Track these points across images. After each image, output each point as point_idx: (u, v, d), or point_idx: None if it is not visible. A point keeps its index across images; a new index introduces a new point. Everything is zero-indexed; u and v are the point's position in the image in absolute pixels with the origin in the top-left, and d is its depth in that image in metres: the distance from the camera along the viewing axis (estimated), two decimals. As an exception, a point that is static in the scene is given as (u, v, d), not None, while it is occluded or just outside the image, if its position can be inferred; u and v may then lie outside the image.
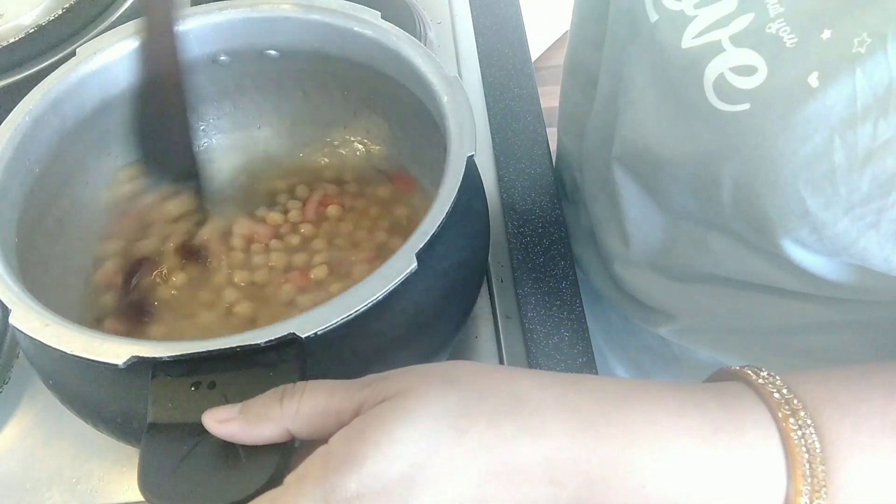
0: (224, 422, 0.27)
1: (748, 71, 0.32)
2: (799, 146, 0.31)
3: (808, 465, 0.26)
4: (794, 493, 0.26)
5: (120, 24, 0.45)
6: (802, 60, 0.30)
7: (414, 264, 0.32)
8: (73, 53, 0.42)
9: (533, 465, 0.26)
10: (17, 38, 0.54)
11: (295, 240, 0.47)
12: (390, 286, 0.31)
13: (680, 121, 0.37)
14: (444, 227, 0.34)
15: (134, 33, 0.43)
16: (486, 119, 0.60)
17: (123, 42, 0.43)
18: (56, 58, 0.56)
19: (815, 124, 0.30)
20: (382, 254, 0.46)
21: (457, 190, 0.35)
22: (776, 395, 0.28)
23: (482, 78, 0.63)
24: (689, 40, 0.34)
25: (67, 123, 0.43)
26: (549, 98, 0.62)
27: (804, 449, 0.26)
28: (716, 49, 0.33)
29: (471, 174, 0.39)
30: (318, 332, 0.30)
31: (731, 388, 0.29)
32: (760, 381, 0.29)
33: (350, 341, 0.34)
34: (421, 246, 0.32)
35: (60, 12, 0.55)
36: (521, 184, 0.56)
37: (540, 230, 0.54)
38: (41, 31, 0.54)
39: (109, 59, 0.43)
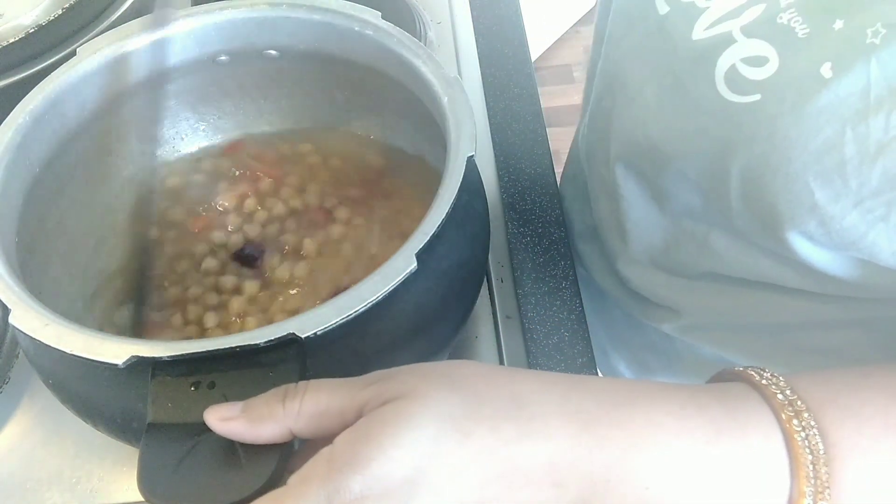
0: (226, 420, 0.27)
1: (759, 62, 0.32)
2: (810, 137, 0.31)
3: (811, 467, 0.26)
4: (797, 494, 0.26)
5: (120, 24, 0.45)
6: (815, 51, 0.30)
7: (414, 264, 0.32)
8: (73, 53, 0.42)
9: (535, 467, 0.26)
10: (17, 38, 0.54)
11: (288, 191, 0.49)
12: (390, 286, 0.31)
13: (686, 115, 0.37)
14: (444, 228, 0.34)
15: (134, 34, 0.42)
16: (486, 119, 0.60)
17: (123, 42, 0.43)
18: (56, 58, 0.55)
19: (828, 115, 0.30)
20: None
21: (457, 190, 0.35)
22: (779, 396, 0.28)
23: (482, 78, 0.63)
24: (700, 32, 0.34)
25: (67, 123, 0.43)
26: (549, 98, 0.62)
27: (808, 450, 0.26)
28: (727, 40, 0.33)
29: (471, 174, 0.39)
30: (318, 332, 0.30)
31: (734, 389, 0.29)
32: (764, 382, 0.28)
33: (350, 341, 0.34)
34: (421, 246, 0.32)
35: (60, 12, 0.55)
36: (521, 184, 0.56)
37: (540, 230, 0.54)
38: (41, 31, 0.54)
39: (109, 59, 0.43)
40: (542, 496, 0.26)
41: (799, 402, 0.27)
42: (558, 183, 0.59)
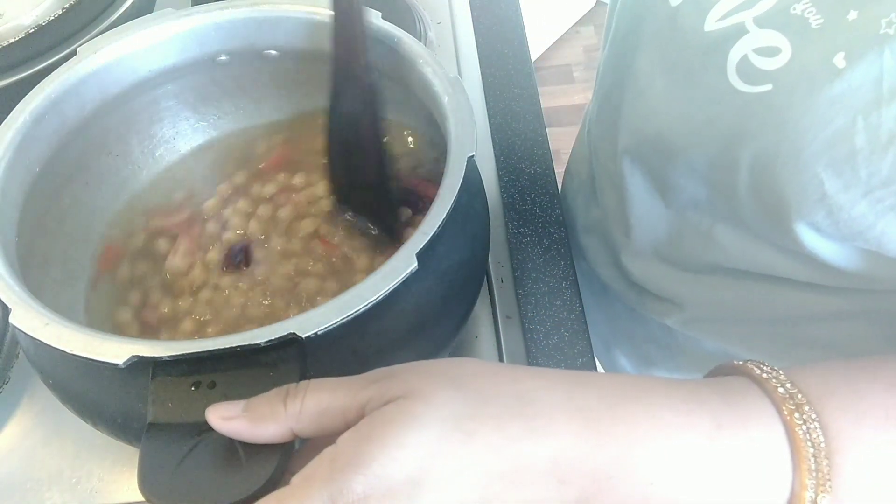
0: (228, 419, 0.27)
1: (772, 52, 0.32)
2: (821, 127, 0.31)
3: (813, 460, 0.26)
4: (799, 487, 0.26)
5: (120, 24, 0.45)
6: (828, 41, 0.30)
7: (414, 264, 0.32)
8: (73, 53, 0.42)
9: (539, 464, 0.26)
10: (17, 38, 0.54)
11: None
12: (390, 286, 0.31)
13: (696, 106, 0.37)
14: (444, 228, 0.34)
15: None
16: (486, 119, 0.60)
17: (123, 42, 0.43)
18: (56, 58, 0.56)
19: (839, 105, 0.30)
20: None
21: (457, 190, 0.35)
22: (780, 389, 0.28)
23: (482, 78, 0.63)
24: (712, 23, 0.35)
25: (67, 123, 0.43)
26: (549, 98, 0.62)
27: (809, 444, 0.26)
28: (740, 31, 0.33)
29: (471, 174, 0.39)
30: (318, 332, 0.30)
31: (735, 383, 0.29)
32: (764, 375, 0.29)
33: (350, 341, 0.34)
34: (421, 246, 0.32)
35: (60, 12, 0.55)
36: (521, 184, 0.56)
37: (540, 230, 0.54)
38: (41, 31, 0.54)
39: (109, 59, 0.43)
40: (546, 493, 0.26)
41: (799, 396, 0.27)
42: (561, 178, 0.59)
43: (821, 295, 0.41)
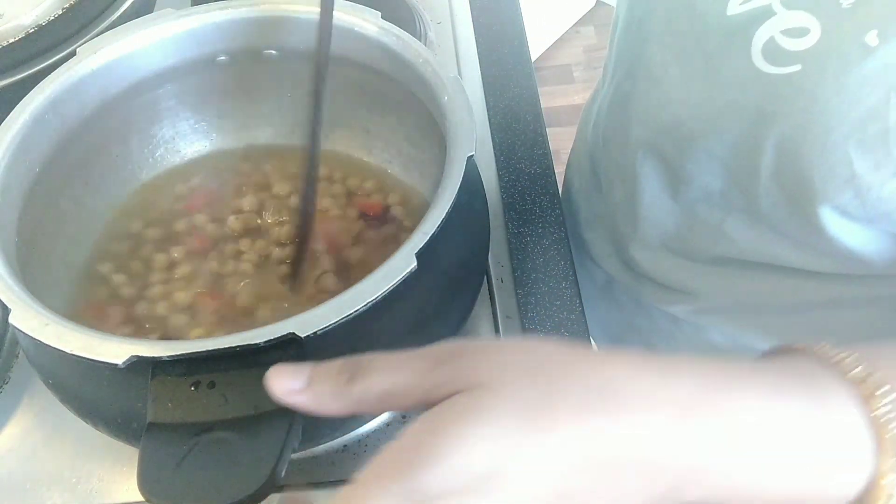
0: (292, 393, 0.27)
1: (800, 33, 0.32)
2: (853, 106, 0.31)
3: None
4: (881, 470, 0.25)
5: (120, 24, 0.45)
6: (860, 20, 0.30)
7: (414, 264, 0.32)
8: (73, 53, 0.42)
9: (622, 461, 0.24)
10: (17, 38, 0.54)
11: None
12: (390, 286, 0.31)
13: (717, 90, 0.37)
14: (443, 227, 0.34)
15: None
16: (486, 119, 0.60)
17: (123, 42, 0.43)
18: (56, 58, 0.56)
19: (872, 83, 0.30)
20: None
21: (457, 190, 0.35)
22: (856, 371, 0.27)
23: (482, 78, 0.63)
24: (735, 7, 0.35)
25: (67, 123, 0.43)
26: (549, 98, 0.63)
27: (893, 426, 0.25)
28: (766, 13, 0.33)
29: (471, 174, 0.39)
30: (318, 332, 0.30)
31: (808, 365, 0.28)
32: (836, 358, 0.27)
33: (349, 341, 0.34)
34: (421, 246, 0.32)
35: (60, 12, 0.55)
36: (521, 184, 0.56)
37: (540, 230, 0.54)
38: (41, 31, 0.54)
39: (109, 59, 0.43)
40: (630, 488, 0.25)
41: (877, 375, 0.26)
42: (561, 178, 0.59)
43: (835, 283, 0.41)
